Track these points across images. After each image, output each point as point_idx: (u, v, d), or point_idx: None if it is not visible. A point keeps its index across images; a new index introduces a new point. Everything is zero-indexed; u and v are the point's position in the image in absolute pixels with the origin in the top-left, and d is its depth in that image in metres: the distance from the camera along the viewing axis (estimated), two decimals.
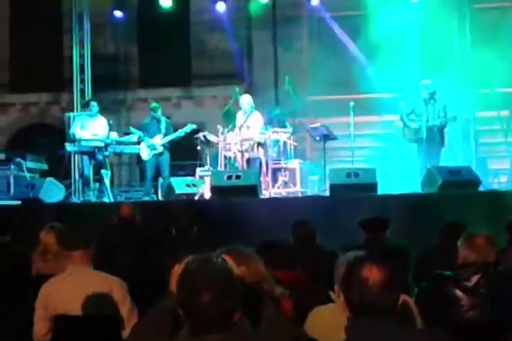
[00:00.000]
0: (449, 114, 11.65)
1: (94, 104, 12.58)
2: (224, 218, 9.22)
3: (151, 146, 12.64)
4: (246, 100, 12.17)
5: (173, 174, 13.26)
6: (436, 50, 14.79)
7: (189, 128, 12.70)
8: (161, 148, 12.65)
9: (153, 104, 13.37)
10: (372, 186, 10.19)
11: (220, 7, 14.60)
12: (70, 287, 4.43)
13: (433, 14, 15.40)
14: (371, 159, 13.45)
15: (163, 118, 12.90)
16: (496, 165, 13.95)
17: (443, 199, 9.52)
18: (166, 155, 12.78)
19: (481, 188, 10.53)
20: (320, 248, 6.11)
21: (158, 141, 12.63)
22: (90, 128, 12.39)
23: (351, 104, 12.48)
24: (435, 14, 15.23)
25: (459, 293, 4.15)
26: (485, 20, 15.78)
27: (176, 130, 12.79)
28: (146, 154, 12.73)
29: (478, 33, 14.59)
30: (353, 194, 9.91)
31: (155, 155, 12.69)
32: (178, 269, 2.78)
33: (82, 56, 14.70)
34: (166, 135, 12.67)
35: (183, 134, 12.67)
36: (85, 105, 13.07)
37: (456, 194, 9.58)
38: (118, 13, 14.66)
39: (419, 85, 11.60)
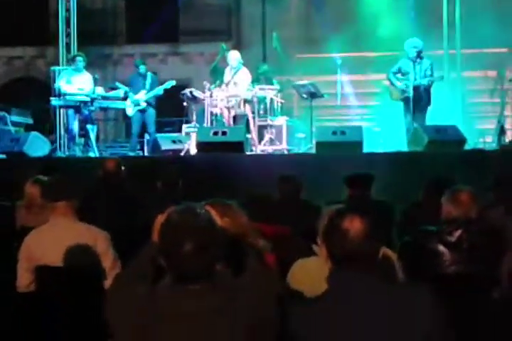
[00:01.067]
0: (436, 73, 11.62)
1: (80, 59, 12.44)
2: (210, 173, 9.22)
3: (135, 102, 12.57)
4: (234, 56, 12.07)
5: (159, 130, 13.22)
6: (424, 8, 14.68)
7: (169, 84, 12.61)
8: (145, 104, 12.56)
9: (137, 60, 13.27)
10: (358, 144, 10.19)
11: None
12: (53, 238, 4.43)
13: None
14: (358, 118, 13.42)
15: (149, 74, 12.79)
16: (483, 125, 13.97)
17: (428, 157, 9.55)
18: (152, 112, 12.70)
19: (467, 147, 10.58)
20: (305, 203, 6.12)
21: (142, 96, 12.54)
22: (76, 83, 12.27)
23: (338, 61, 12.41)
24: None
25: (441, 247, 4.18)
26: None
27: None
28: (130, 110, 12.66)
29: None
30: (339, 152, 9.92)
31: (140, 111, 12.61)
32: (160, 219, 2.77)
33: (68, 10, 14.49)
34: (150, 91, 12.59)
35: (162, 91, 12.58)
36: (71, 60, 12.91)
37: (442, 152, 9.61)
38: None
39: (406, 43, 11.52)
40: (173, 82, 12.65)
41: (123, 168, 7.24)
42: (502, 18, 15.96)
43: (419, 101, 11.20)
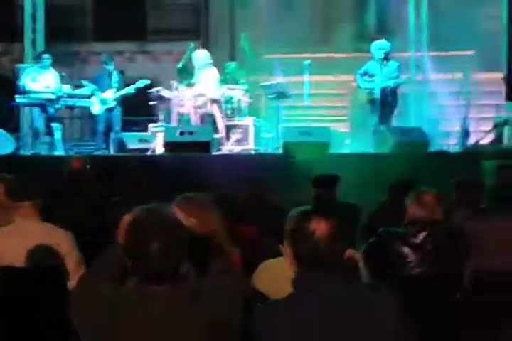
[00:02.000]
0: (403, 75, 11.71)
1: (46, 57, 12.32)
2: (176, 173, 9.19)
3: (102, 101, 12.47)
4: (202, 55, 12.04)
5: (125, 129, 13.13)
6: (391, 8, 14.78)
7: (141, 83, 12.54)
8: (113, 103, 12.49)
9: (105, 57, 13.13)
10: (325, 145, 10.23)
11: None
12: (17, 238, 4.39)
13: None
14: (325, 119, 13.45)
15: (115, 72, 12.70)
16: (448, 127, 14.09)
17: (394, 159, 9.62)
18: (118, 110, 12.61)
19: (432, 149, 10.67)
20: (271, 204, 6.14)
21: (110, 95, 12.45)
22: (41, 80, 12.17)
23: (306, 62, 12.45)
24: None
25: (406, 249, 4.21)
26: None
27: (129, 85, 12.62)
28: (97, 108, 12.55)
29: None
30: (305, 152, 9.94)
31: (106, 109, 12.52)
32: (126, 219, 2.76)
33: (34, 6, 14.36)
34: (118, 89, 12.50)
35: (133, 90, 12.51)
36: (37, 57, 12.80)
37: (407, 154, 9.69)
38: None
39: (373, 45, 11.58)
40: (147, 81, 12.59)
41: (88, 166, 7.21)
42: (468, 20, 16.12)
43: (385, 102, 11.28)
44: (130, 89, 12.47)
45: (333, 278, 2.66)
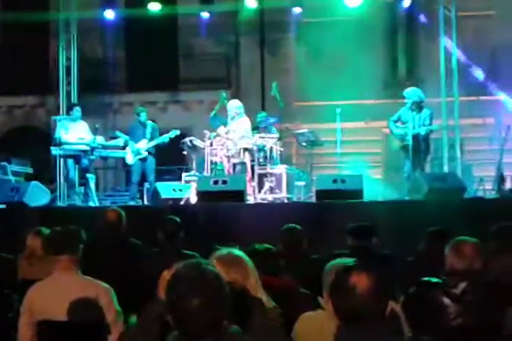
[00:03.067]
0: (435, 121, 11.71)
1: (77, 109, 12.56)
2: (211, 223, 9.20)
3: (135, 151, 12.60)
4: (234, 105, 12.14)
5: (158, 179, 13.23)
6: (423, 56, 14.85)
7: (173, 133, 12.66)
8: (146, 153, 12.61)
9: (138, 108, 13.32)
10: (359, 192, 10.20)
11: (205, 14, 14.60)
12: (56, 292, 4.40)
13: (420, 20, 15.50)
14: (358, 165, 13.44)
15: (148, 123, 12.86)
16: (481, 172, 14.00)
17: (429, 205, 9.55)
18: (151, 160, 12.74)
19: (467, 195, 10.59)
20: (307, 253, 6.11)
21: (144, 145, 12.58)
22: (75, 132, 12.35)
23: (338, 110, 12.50)
24: (421, 19, 15.33)
25: (446, 300, 4.16)
26: (468, 27, 15.88)
27: (161, 134, 12.75)
28: (131, 159, 12.69)
29: (464, 39, 14.67)
30: (339, 200, 9.92)
31: (140, 159, 12.65)
32: (166, 275, 2.77)
33: (68, 59, 14.65)
34: (151, 139, 12.64)
35: (167, 140, 12.63)
36: (68, 109, 13.03)
37: (442, 200, 9.62)
38: (106, 16, 14.57)
39: (406, 93, 11.63)
40: (178, 132, 12.71)
41: (124, 217, 7.26)
42: (497, 66, 16.17)
43: (418, 149, 11.27)
44: (163, 139, 12.59)
45: (376, 333, 2.64)
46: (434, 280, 4.30)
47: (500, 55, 16.10)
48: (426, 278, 4.34)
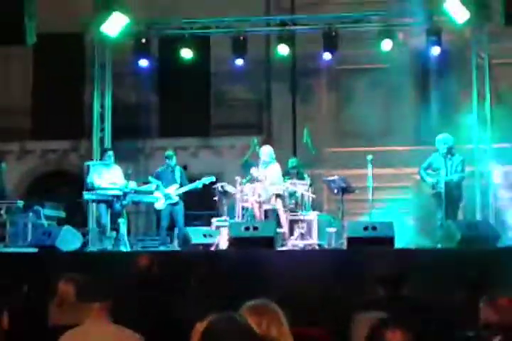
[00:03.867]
0: (467, 167, 11.66)
1: (110, 154, 12.69)
2: (242, 269, 9.16)
3: (166, 196, 12.67)
4: (266, 151, 12.19)
5: (187, 224, 13.26)
6: (453, 102, 14.86)
7: (208, 180, 12.74)
8: (177, 198, 12.68)
9: (168, 152, 13.42)
10: (390, 240, 10.14)
11: (239, 61, 14.73)
12: (88, 340, 4.40)
13: (451, 66, 15.53)
14: (389, 212, 13.37)
15: (177, 168, 12.95)
16: None
17: (462, 254, 9.44)
18: (181, 205, 12.80)
19: (500, 243, 10.46)
20: (339, 302, 6.06)
21: (173, 190, 12.65)
22: (107, 177, 12.46)
23: (369, 157, 12.49)
24: (453, 66, 15.36)
25: None
26: (505, 75, 15.89)
27: (192, 179, 12.81)
28: (160, 203, 12.75)
29: (497, 86, 14.67)
30: (371, 247, 9.86)
31: (170, 204, 12.70)
32: (199, 327, 2.76)
33: (102, 105, 14.84)
34: (181, 184, 12.71)
35: (200, 185, 12.70)
36: (101, 154, 13.16)
37: (476, 249, 9.52)
38: (140, 63, 14.80)
39: (437, 139, 11.62)
40: (213, 178, 12.77)
41: (155, 264, 7.26)
42: None
43: (450, 196, 11.20)
44: (196, 185, 12.66)
45: None
46: (469, 333, 4.24)
47: None
48: (460, 331, 4.29)
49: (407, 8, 13.58)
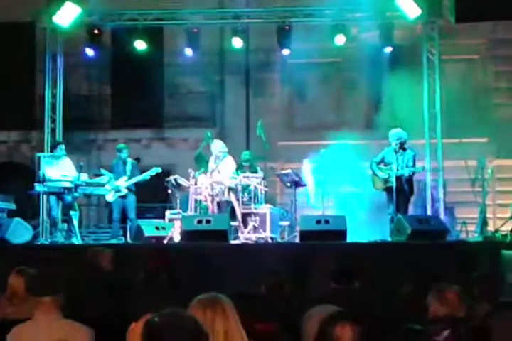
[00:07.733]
0: (418, 163, 11.78)
1: (61, 147, 12.57)
2: (194, 263, 9.16)
3: (115, 188, 12.59)
4: (218, 146, 12.21)
5: (141, 216, 13.20)
6: (405, 97, 14.98)
7: (154, 171, 12.69)
8: (126, 190, 12.60)
9: (119, 145, 13.36)
10: (342, 233, 10.23)
11: (189, 52, 14.60)
12: (37, 334, 4.37)
13: (403, 61, 15.66)
14: (341, 205, 13.48)
15: (128, 160, 12.88)
16: (464, 213, 14.06)
17: (412, 248, 9.57)
18: (132, 197, 12.72)
19: (449, 237, 10.62)
20: (290, 298, 6.07)
21: (123, 183, 12.59)
22: (58, 169, 12.33)
23: (322, 150, 12.55)
24: (406, 63, 15.49)
25: None
26: (455, 71, 16.10)
27: (145, 171, 12.76)
28: (110, 196, 12.68)
29: (447, 82, 14.82)
30: (323, 241, 9.94)
31: (121, 197, 12.63)
32: (135, 327, 2.73)
33: (54, 96, 14.65)
34: (130, 177, 12.64)
35: (147, 177, 12.65)
36: (53, 147, 13.00)
37: (425, 243, 9.64)
38: (87, 52, 14.58)
39: (390, 134, 11.72)
40: (159, 169, 12.73)
41: (108, 256, 7.24)
42: (481, 109, 16.36)
43: (401, 191, 11.32)
44: (144, 177, 12.61)
45: None
46: (417, 326, 4.29)
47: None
48: (409, 325, 4.33)
49: (360, 3, 13.64)
